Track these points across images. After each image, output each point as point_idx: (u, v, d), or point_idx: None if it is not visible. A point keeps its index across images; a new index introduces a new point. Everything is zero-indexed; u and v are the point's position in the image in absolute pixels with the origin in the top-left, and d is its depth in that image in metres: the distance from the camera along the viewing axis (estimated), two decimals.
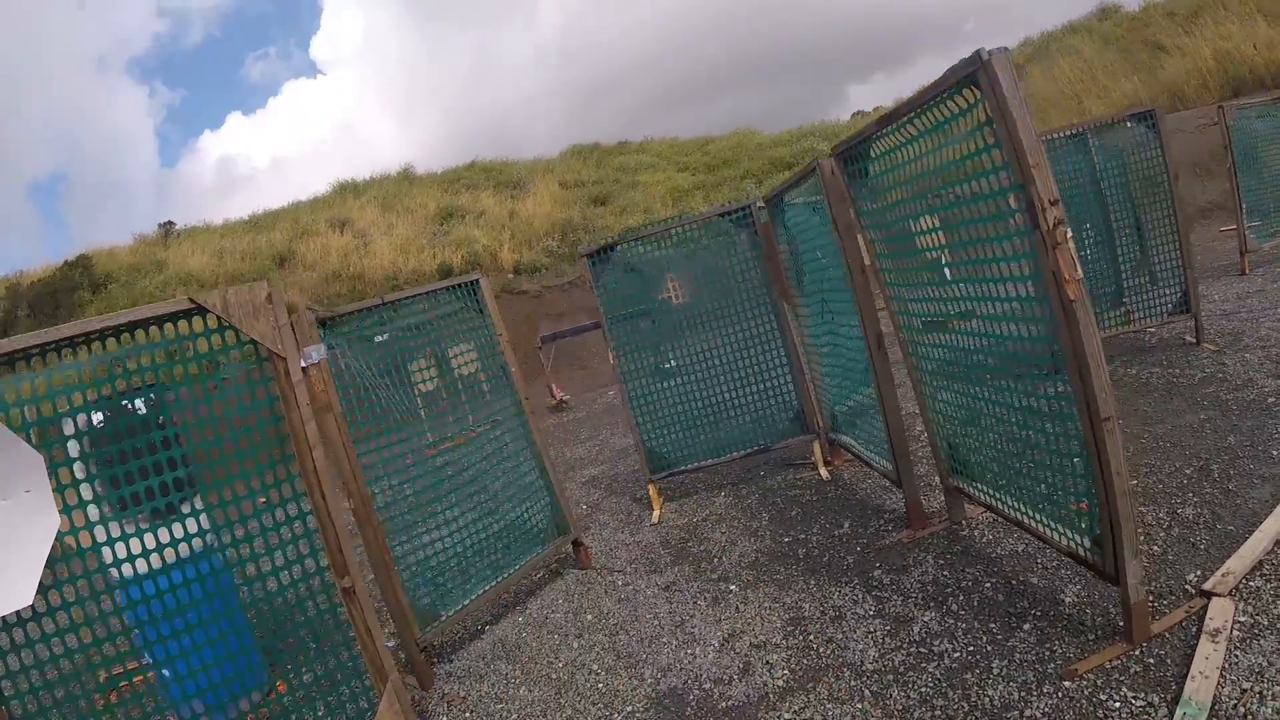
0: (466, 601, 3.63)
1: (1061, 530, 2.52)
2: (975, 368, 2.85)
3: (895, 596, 3.01)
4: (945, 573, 3.08)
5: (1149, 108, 5.50)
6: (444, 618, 3.52)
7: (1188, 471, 3.40)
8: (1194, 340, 5.45)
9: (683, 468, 4.98)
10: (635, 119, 68.13)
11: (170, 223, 18.43)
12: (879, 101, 22.19)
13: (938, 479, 3.60)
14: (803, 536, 3.88)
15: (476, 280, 4.02)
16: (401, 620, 3.34)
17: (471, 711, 3.13)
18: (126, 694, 2.58)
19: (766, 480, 5.00)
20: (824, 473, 4.75)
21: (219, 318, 2.34)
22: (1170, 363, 5.15)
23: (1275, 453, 3.34)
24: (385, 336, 3.70)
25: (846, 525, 3.87)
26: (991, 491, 3.02)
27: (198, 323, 2.39)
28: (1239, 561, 2.55)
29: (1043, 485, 2.60)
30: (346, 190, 19.63)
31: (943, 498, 3.57)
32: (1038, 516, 2.67)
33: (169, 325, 2.35)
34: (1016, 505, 2.81)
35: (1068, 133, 5.66)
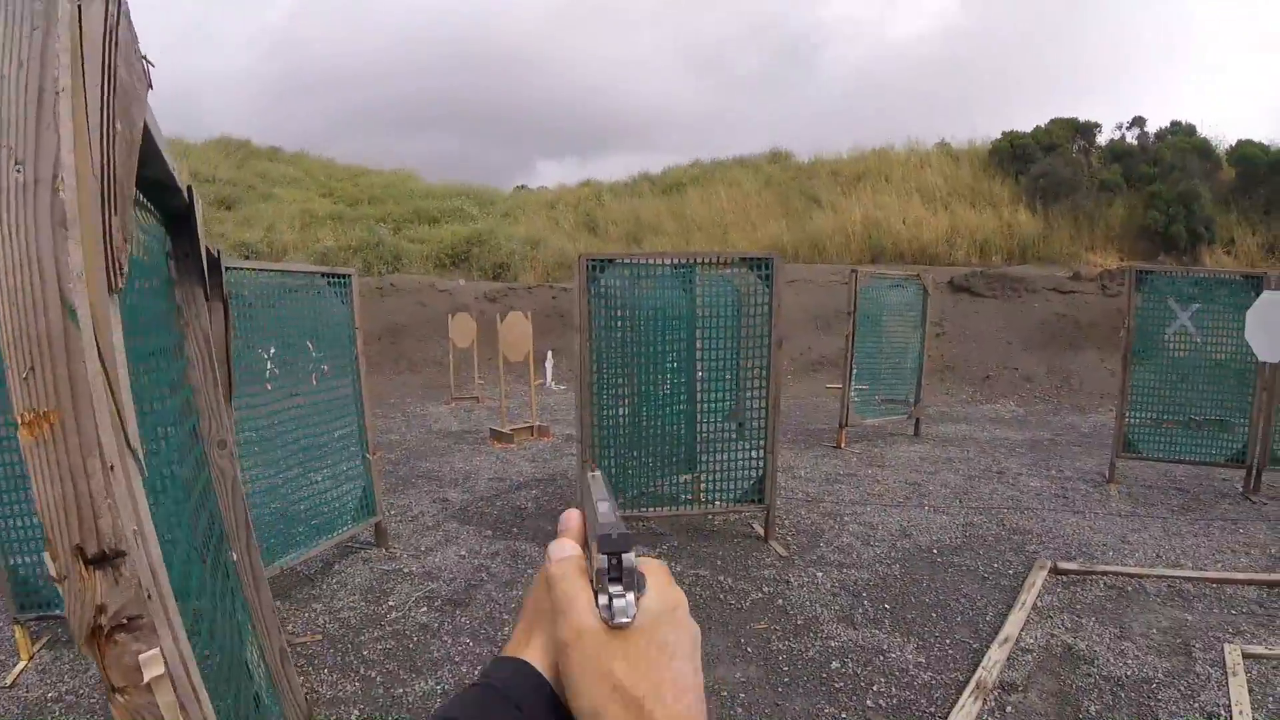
0: None
1: None
2: None
3: None
4: None
5: (768, 255, 4.66)
6: None
7: None
8: (762, 534, 4.49)
9: None
10: (333, 130, 61.35)
11: None
12: (559, 181, 21.83)
13: None
14: None
15: None
16: None
17: None
18: None
19: None
20: None
21: None
22: (725, 565, 4.04)
23: None
24: None
25: None
26: None
27: None
28: None
29: None
30: None
31: None
32: None
33: None
34: None
35: (673, 262, 4.62)
